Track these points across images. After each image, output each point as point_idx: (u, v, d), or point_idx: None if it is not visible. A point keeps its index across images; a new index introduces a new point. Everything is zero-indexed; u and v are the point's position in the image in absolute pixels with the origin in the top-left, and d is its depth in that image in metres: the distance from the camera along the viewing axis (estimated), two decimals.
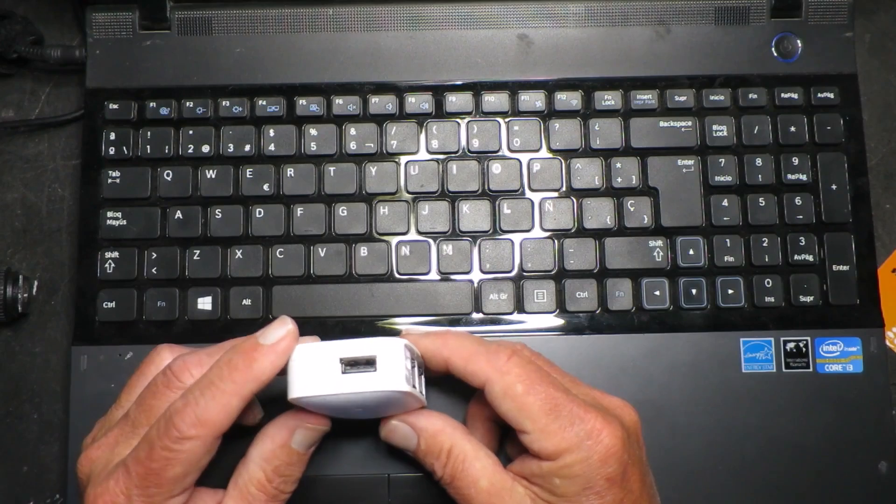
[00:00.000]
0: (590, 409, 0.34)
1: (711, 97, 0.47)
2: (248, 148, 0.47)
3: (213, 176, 0.46)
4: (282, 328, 0.33)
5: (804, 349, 0.44)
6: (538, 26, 0.48)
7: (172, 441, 0.31)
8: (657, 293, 0.45)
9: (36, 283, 0.47)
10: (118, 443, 0.33)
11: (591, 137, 0.47)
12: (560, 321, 0.45)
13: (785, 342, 0.44)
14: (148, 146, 0.46)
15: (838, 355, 0.44)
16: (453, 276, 0.45)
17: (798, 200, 0.46)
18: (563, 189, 0.46)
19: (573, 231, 0.46)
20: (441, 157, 0.47)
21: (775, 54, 0.48)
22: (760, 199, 0.46)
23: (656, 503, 0.35)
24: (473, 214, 0.46)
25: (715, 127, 0.47)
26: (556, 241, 0.46)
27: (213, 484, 0.34)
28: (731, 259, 0.45)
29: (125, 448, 0.33)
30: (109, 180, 0.46)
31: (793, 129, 0.47)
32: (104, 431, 0.35)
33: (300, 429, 0.34)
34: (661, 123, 0.47)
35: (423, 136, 0.47)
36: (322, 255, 0.45)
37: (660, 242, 0.46)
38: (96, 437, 0.35)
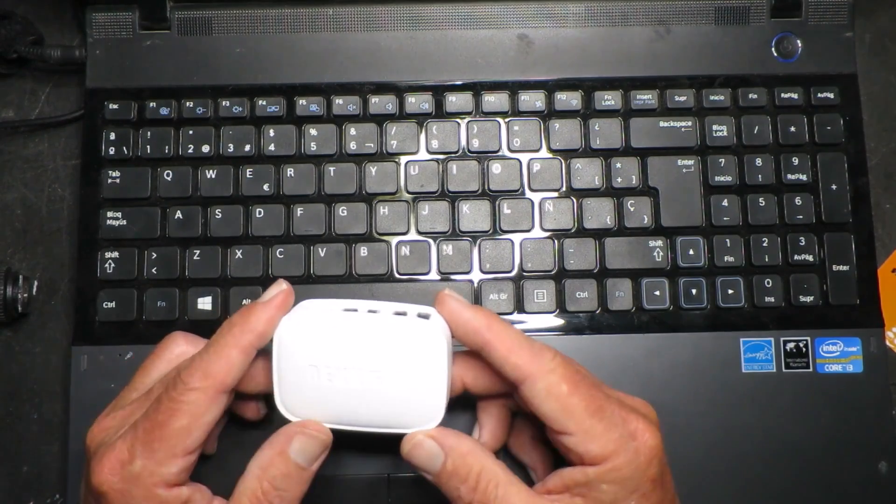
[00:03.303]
0: (629, 410, 0.33)
1: (711, 97, 0.47)
2: (248, 148, 0.47)
3: (213, 176, 0.46)
4: (275, 288, 0.35)
5: (804, 349, 0.44)
6: (538, 26, 0.48)
7: (179, 393, 0.32)
8: (657, 293, 0.45)
9: (36, 283, 0.47)
10: (133, 413, 0.34)
11: (591, 137, 0.47)
12: (560, 321, 0.45)
13: (785, 342, 0.44)
14: (148, 146, 0.46)
15: (838, 355, 0.44)
16: (453, 276, 0.45)
17: (798, 200, 0.46)
18: (563, 189, 0.46)
19: (573, 231, 0.46)
20: (441, 157, 0.47)
21: (775, 54, 0.48)
22: (760, 199, 0.46)
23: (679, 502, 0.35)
24: (473, 214, 0.46)
25: (715, 127, 0.47)
26: (556, 241, 0.46)
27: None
28: (731, 259, 0.45)
29: None
30: (109, 180, 0.46)
31: (793, 129, 0.47)
32: (118, 409, 0.35)
33: (299, 435, 0.33)
34: (661, 123, 0.47)
35: (423, 136, 0.47)
36: (322, 255, 0.45)
37: (660, 242, 0.46)
38: (109, 415, 0.35)
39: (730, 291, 0.45)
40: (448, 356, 0.34)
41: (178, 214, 0.46)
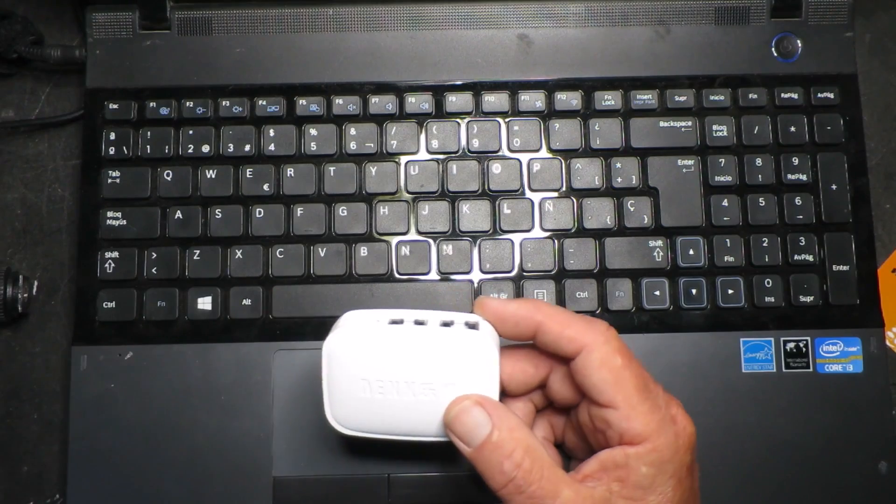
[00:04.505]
0: (670, 396, 0.33)
1: (711, 97, 0.47)
2: (248, 148, 0.47)
3: (213, 176, 0.46)
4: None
5: (804, 349, 0.44)
6: (538, 26, 0.48)
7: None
8: (657, 293, 0.45)
9: (36, 283, 0.47)
10: None
11: (591, 137, 0.47)
12: None
13: (785, 342, 0.44)
14: (148, 146, 0.46)
15: (838, 355, 0.44)
16: (453, 276, 0.45)
17: (798, 200, 0.46)
18: (563, 189, 0.46)
19: (573, 231, 0.46)
20: (441, 157, 0.47)
21: (775, 54, 0.48)
22: (760, 199, 0.46)
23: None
24: (473, 214, 0.46)
25: (715, 127, 0.47)
26: (556, 241, 0.46)
27: None
28: (731, 259, 0.45)
29: None
30: (109, 180, 0.46)
31: (793, 129, 0.47)
32: None
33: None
34: (661, 123, 0.47)
35: (423, 136, 0.47)
36: (322, 255, 0.45)
37: (660, 242, 0.46)
38: None
39: (730, 291, 0.45)
40: (499, 364, 0.34)
41: (178, 214, 0.46)
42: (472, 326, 0.35)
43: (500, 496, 0.32)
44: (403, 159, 0.47)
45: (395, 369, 0.34)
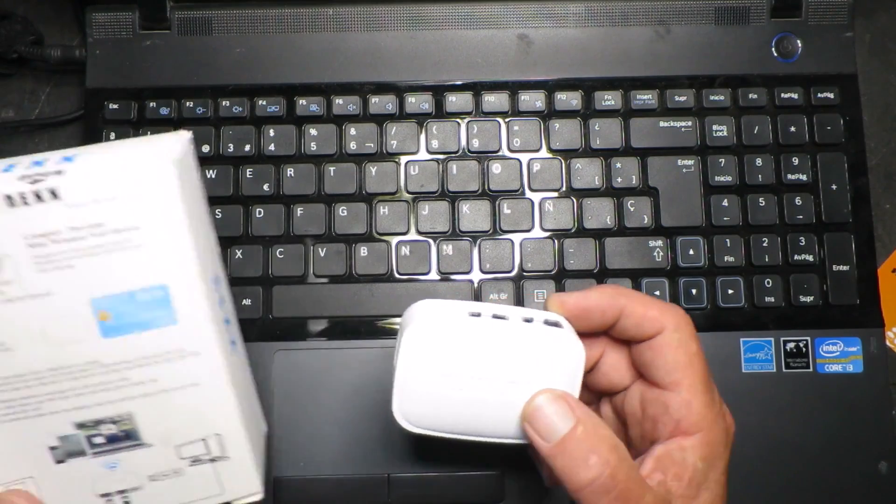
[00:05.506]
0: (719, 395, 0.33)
1: (711, 97, 0.47)
2: (248, 148, 0.47)
3: (213, 176, 0.46)
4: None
5: (804, 349, 0.44)
6: (538, 26, 0.48)
7: None
8: (657, 293, 0.45)
9: None
10: None
11: (591, 137, 0.47)
12: None
13: (785, 342, 0.44)
14: None
15: (838, 355, 0.44)
16: (453, 276, 0.45)
17: (798, 200, 0.46)
18: (563, 189, 0.46)
19: (573, 231, 0.46)
20: (441, 157, 0.47)
21: (775, 54, 0.48)
22: (760, 199, 0.46)
23: None
24: (473, 214, 0.46)
25: (715, 127, 0.47)
26: (556, 241, 0.46)
27: None
28: (731, 259, 0.45)
29: None
30: None
31: (793, 129, 0.47)
32: None
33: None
34: (661, 123, 0.47)
35: (423, 136, 0.47)
36: (322, 255, 0.45)
37: (660, 242, 0.46)
38: None
39: (730, 291, 0.45)
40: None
41: None
42: (553, 324, 0.33)
43: (580, 498, 0.29)
44: (403, 159, 0.47)
45: (478, 365, 0.31)
